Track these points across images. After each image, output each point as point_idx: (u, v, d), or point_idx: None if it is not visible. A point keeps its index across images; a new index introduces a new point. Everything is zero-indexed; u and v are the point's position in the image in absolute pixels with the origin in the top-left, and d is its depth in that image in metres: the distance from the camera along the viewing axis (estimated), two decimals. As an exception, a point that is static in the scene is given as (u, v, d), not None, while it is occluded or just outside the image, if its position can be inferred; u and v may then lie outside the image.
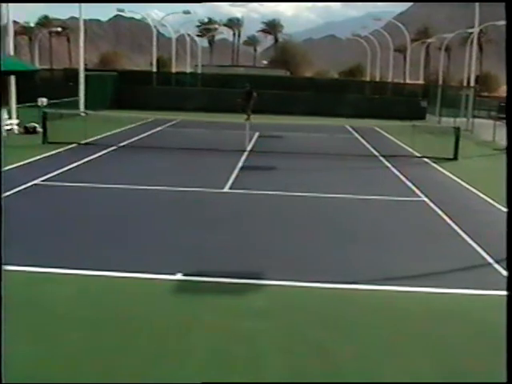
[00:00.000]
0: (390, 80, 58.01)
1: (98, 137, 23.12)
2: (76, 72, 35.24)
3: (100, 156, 18.77)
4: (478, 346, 6.44)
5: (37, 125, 23.63)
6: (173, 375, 5.48)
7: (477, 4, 37.04)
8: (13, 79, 24.57)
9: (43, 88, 30.23)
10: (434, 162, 19.91)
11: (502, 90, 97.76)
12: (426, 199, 13.86)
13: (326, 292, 7.77)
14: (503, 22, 42.61)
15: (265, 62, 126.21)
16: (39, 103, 26.20)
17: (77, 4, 34.20)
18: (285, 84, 44.39)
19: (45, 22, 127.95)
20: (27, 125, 24.10)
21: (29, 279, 7.74)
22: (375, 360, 5.95)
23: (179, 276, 8.04)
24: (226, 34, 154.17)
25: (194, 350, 5.99)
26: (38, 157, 17.77)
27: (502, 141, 26.47)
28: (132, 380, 5.38)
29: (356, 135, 28.30)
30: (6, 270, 4.05)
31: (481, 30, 45.48)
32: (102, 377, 5.40)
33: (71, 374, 5.46)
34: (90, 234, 10.12)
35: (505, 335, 6.58)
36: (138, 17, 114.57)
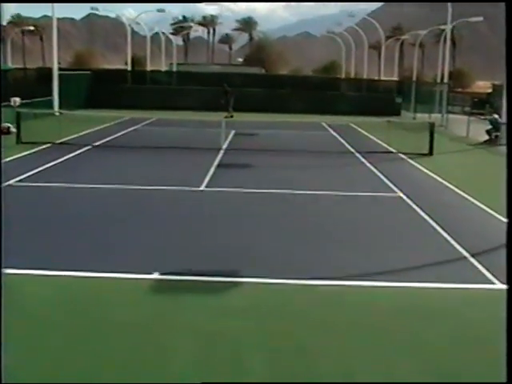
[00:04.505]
0: (364, 77, 58.34)
1: (73, 136, 22.91)
2: (50, 71, 34.87)
3: (75, 156, 18.60)
4: (457, 341, 6.48)
5: (10, 125, 23.33)
6: (154, 376, 5.45)
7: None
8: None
9: (16, 87, 29.86)
10: (410, 158, 20.04)
11: (476, 86, 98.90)
12: (401, 195, 13.95)
13: (305, 289, 7.78)
14: (476, 19, 43.08)
15: (240, 59, 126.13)
16: (12, 103, 25.88)
17: (50, 3, 33.82)
18: (261, 81, 44.38)
19: (17, 20, 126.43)
20: (0, 125, 23.76)
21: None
22: (356, 357, 5.95)
23: (156, 275, 8.00)
24: (200, 32, 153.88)
25: (174, 349, 5.95)
26: (13, 157, 17.55)
27: (476, 136, 26.79)
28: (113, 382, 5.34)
29: (332, 132, 28.38)
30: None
31: (453, 26, 45.85)
32: (82, 380, 5.35)
33: (49, 376, 5.40)
34: (65, 235, 10.02)
35: (483, 329, 6.69)
36: (112, 15, 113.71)
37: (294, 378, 5.50)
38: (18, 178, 14.43)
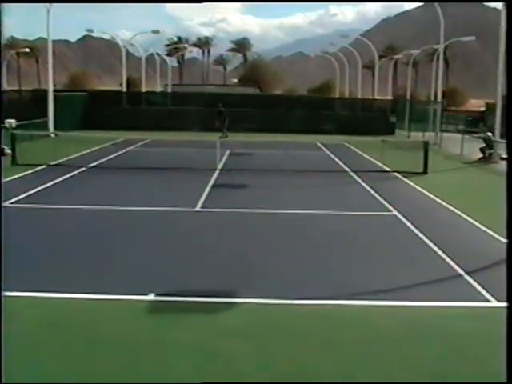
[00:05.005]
0: (359, 96, 58.68)
1: (68, 158, 22.92)
2: (45, 93, 34.99)
3: (70, 177, 18.60)
4: (454, 358, 6.45)
5: (5, 146, 23.34)
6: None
7: (441, 20, 37.65)
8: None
9: (11, 109, 29.92)
10: (404, 177, 20.10)
11: (469, 104, 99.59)
12: (396, 213, 13.97)
13: (300, 309, 7.76)
14: (468, 38, 43.48)
15: (235, 80, 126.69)
16: (7, 125, 25.92)
17: (45, 24, 33.95)
18: (256, 102, 44.56)
19: (12, 43, 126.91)
20: (-2, 147, 23.78)
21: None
22: (352, 376, 5.94)
23: (152, 296, 7.98)
24: (195, 53, 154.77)
25: (170, 370, 5.93)
26: (7, 179, 17.53)
27: (470, 154, 26.91)
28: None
29: (326, 151, 28.47)
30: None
31: (446, 45, 46.21)
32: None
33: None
34: (60, 257, 9.99)
35: (481, 347, 6.68)
36: (106, 37, 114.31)
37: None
38: (12, 200, 14.40)
